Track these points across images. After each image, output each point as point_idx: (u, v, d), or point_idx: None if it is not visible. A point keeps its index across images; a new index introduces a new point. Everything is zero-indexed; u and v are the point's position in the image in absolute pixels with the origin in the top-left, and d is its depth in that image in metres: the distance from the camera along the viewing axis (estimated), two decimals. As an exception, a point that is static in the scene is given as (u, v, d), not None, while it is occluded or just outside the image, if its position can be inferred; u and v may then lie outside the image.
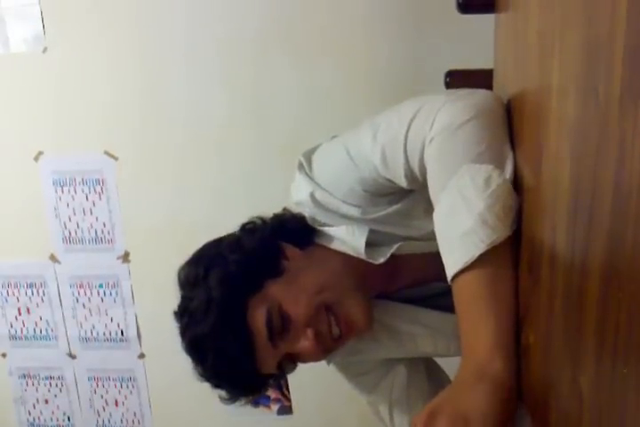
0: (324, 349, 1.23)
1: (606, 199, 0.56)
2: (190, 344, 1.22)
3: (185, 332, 1.23)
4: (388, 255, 1.24)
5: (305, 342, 1.20)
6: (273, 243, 1.26)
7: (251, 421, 2.64)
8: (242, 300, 1.18)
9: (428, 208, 1.03)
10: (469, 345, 0.94)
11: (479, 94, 1.05)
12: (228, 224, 1.32)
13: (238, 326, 1.17)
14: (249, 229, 1.31)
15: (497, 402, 0.87)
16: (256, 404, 2.61)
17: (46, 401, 2.79)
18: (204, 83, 2.34)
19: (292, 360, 1.24)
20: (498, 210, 0.91)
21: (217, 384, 1.25)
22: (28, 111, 2.49)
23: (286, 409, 2.62)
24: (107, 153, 2.48)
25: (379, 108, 1.17)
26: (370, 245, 1.24)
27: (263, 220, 1.32)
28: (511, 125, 1.00)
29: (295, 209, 1.31)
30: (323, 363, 1.42)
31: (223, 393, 1.27)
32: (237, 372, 1.20)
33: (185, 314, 1.23)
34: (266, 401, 2.61)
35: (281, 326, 1.18)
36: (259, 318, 1.17)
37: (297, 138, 2.24)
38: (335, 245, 1.26)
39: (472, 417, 0.85)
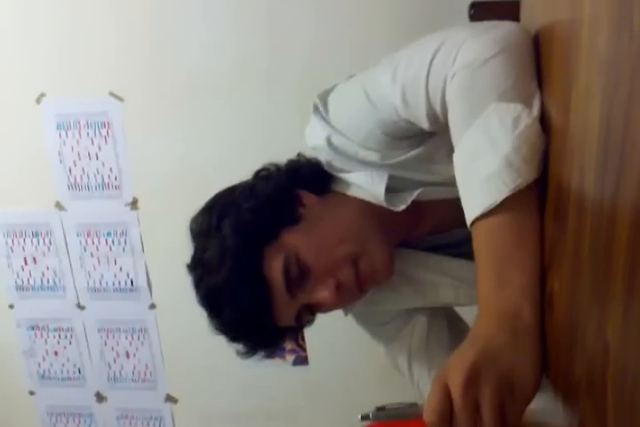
0: (344, 298, 1.23)
1: (639, 139, 0.55)
2: (205, 297, 1.21)
3: (199, 284, 1.21)
4: (409, 202, 1.23)
5: (325, 293, 1.19)
6: (288, 189, 1.24)
7: (266, 372, 2.68)
8: (257, 248, 1.17)
9: (451, 152, 1.00)
10: (492, 295, 0.91)
11: (505, 27, 1.02)
12: (241, 168, 1.30)
13: (254, 277, 1.16)
14: (263, 175, 1.29)
15: (536, 358, 0.85)
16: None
17: (56, 353, 2.84)
18: (215, 19, 2.31)
19: (309, 311, 1.24)
20: (525, 152, 0.88)
21: (233, 338, 1.24)
22: (29, 50, 2.47)
23: (302, 360, 2.65)
24: (112, 94, 2.46)
25: (399, 42, 1.13)
26: (389, 191, 1.23)
27: (277, 166, 1.31)
28: (538, 61, 0.98)
29: (311, 154, 1.30)
30: (339, 314, 1.43)
31: (239, 347, 1.28)
32: (254, 324, 1.19)
33: (198, 266, 1.22)
34: (281, 352, 2.63)
35: (299, 275, 1.17)
36: (275, 267, 1.16)
37: (313, 78, 2.21)
38: (353, 192, 1.25)
39: (517, 380, 0.82)
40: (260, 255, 1.17)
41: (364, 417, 0.97)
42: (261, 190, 1.24)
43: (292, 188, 1.24)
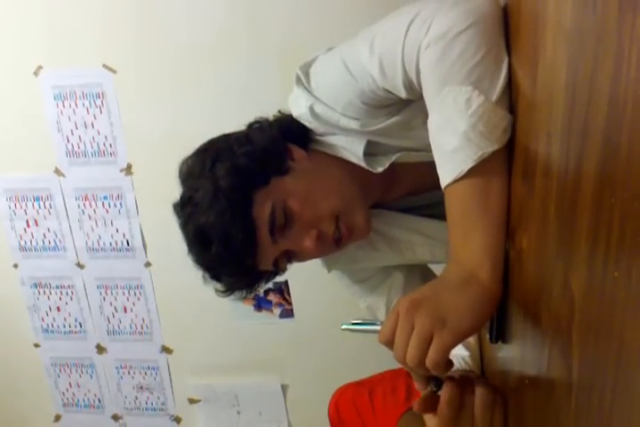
0: (322, 250, 1.25)
1: (602, 108, 0.55)
2: (194, 234, 1.20)
3: (188, 221, 1.21)
4: (387, 165, 1.24)
5: (307, 242, 1.20)
6: (280, 142, 1.25)
7: (254, 324, 2.71)
8: (248, 192, 1.17)
9: (426, 119, 1.01)
10: (458, 252, 0.96)
11: None
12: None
13: (243, 218, 1.16)
14: (257, 127, 1.30)
15: (477, 309, 0.89)
16: (259, 308, 2.67)
17: (58, 309, 2.86)
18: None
19: (288, 258, 1.25)
20: (482, 128, 0.90)
21: (215, 275, 1.25)
22: (26, 25, 2.45)
23: (288, 313, 2.67)
24: (105, 66, 2.45)
25: (377, 13, 1.11)
26: (369, 155, 1.23)
27: (268, 120, 1.31)
28: (507, 31, 0.97)
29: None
30: (323, 270, 1.44)
31: (218, 286, 1.28)
32: (237, 263, 1.20)
33: (188, 204, 1.21)
34: (268, 305, 2.66)
35: (284, 221, 1.18)
36: (263, 211, 1.17)
37: (292, 48, 2.21)
38: (334, 151, 1.26)
39: (450, 318, 0.87)
40: (250, 198, 1.17)
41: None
42: (256, 139, 1.24)
43: (283, 140, 1.25)
